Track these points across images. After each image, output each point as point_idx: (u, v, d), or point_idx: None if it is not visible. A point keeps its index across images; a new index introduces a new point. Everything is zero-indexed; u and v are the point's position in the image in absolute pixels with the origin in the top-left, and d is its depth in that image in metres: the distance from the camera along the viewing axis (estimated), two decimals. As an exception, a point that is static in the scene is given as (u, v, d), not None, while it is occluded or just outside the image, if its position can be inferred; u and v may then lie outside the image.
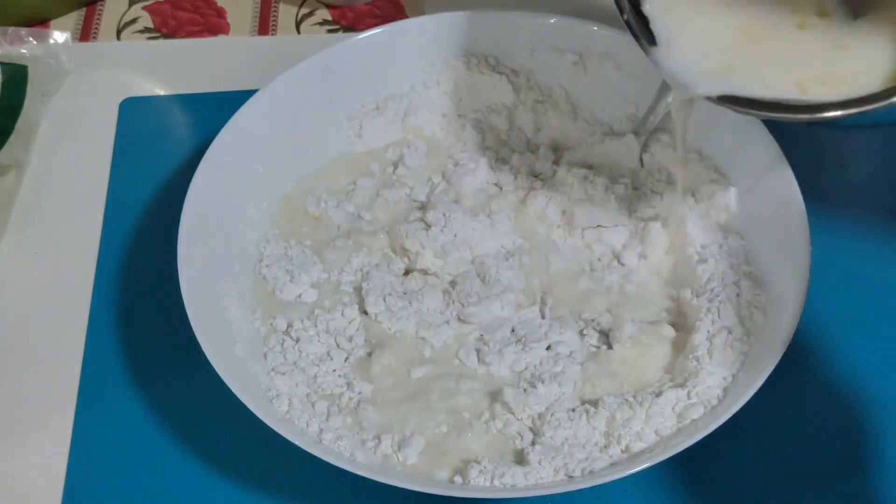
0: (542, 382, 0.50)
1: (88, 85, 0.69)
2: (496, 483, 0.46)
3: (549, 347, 0.52)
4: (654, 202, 0.57)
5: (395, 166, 0.61)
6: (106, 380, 0.55)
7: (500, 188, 0.60)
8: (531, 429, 0.49)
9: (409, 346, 0.53)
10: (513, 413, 0.50)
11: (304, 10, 0.74)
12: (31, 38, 0.67)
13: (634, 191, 0.58)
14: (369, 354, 0.53)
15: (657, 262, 0.56)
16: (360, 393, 0.51)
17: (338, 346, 0.53)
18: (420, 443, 0.49)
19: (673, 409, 0.48)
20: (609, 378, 0.51)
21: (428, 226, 0.57)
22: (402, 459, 0.48)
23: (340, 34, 0.72)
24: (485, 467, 0.47)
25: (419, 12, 0.73)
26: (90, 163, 0.64)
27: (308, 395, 0.50)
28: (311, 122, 0.60)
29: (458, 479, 0.47)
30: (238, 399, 0.45)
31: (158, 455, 0.52)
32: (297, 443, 0.45)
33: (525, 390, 0.50)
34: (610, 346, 0.52)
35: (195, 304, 0.49)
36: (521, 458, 0.48)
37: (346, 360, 0.53)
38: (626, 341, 0.51)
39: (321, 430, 0.48)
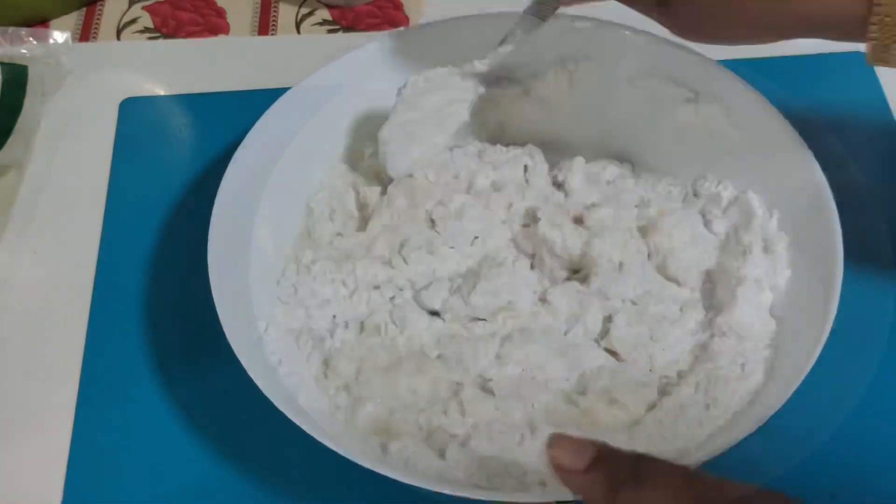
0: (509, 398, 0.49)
1: (88, 85, 0.69)
2: (409, 466, 0.46)
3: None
4: None
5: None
6: (106, 379, 0.55)
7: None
8: (466, 434, 0.48)
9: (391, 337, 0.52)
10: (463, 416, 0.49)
11: (304, 10, 0.74)
12: (31, 38, 0.67)
13: None
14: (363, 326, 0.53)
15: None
16: (342, 343, 0.51)
17: (341, 295, 0.53)
18: (371, 409, 0.48)
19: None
20: (576, 428, 0.49)
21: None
22: (349, 417, 0.48)
23: (341, 34, 0.72)
24: (406, 446, 0.46)
25: (419, 13, 0.73)
26: (90, 163, 0.64)
27: (297, 328, 0.51)
28: (354, 115, 0.59)
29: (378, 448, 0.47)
30: (246, 378, 0.45)
31: (158, 454, 0.52)
32: (240, 358, 0.45)
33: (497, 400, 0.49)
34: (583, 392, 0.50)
35: (219, 231, 0.50)
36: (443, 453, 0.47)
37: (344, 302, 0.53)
38: (599, 396, 0.50)
39: (280, 362, 0.48)
